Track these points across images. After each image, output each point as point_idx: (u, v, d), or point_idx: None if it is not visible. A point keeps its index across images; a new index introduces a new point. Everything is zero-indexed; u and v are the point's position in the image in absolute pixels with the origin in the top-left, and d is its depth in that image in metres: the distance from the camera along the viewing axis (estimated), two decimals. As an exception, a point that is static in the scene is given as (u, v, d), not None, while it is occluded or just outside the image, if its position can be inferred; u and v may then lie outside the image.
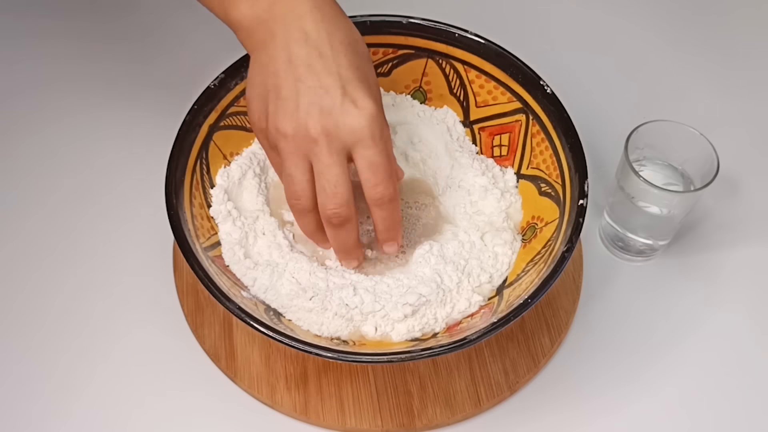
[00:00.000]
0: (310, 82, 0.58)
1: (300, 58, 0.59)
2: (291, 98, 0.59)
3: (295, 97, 0.58)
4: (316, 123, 0.58)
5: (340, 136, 0.58)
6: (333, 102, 0.58)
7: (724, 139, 0.76)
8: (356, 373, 0.70)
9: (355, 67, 0.59)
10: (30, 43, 0.90)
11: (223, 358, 0.71)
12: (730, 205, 0.82)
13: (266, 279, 0.66)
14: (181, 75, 0.86)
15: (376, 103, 0.59)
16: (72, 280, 0.75)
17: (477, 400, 0.69)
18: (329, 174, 0.59)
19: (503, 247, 0.69)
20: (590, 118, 0.82)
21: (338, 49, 0.59)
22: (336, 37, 0.59)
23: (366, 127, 0.58)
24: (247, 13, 0.60)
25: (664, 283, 0.77)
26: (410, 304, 0.64)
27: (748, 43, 0.94)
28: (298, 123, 0.58)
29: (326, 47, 0.59)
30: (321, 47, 0.59)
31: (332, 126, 0.58)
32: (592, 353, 0.73)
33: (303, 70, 0.58)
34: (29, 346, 0.71)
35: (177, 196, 0.66)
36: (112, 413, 0.69)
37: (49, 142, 0.83)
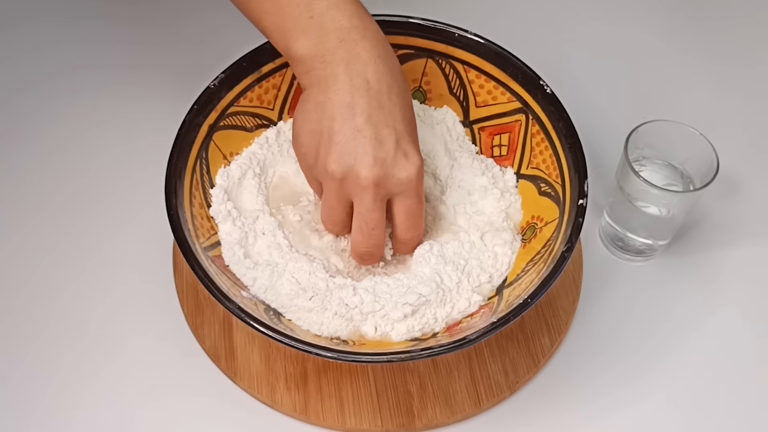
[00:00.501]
0: (367, 132, 0.60)
1: (360, 107, 0.60)
2: (346, 144, 0.61)
3: (351, 144, 0.60)
4: (368, 172, 0.60)
5: (387, 186, 0.62)
6: (387, 155, 0.61)
7: (724, 139, 0.76)
8: (356, 373, 0.70)
9: (407, 121, 0.62)
10: (30, 43, 0.90)
11: (223, 358, 0.71)
12: (730, 205, 0.82)
13: (266, 279, 0.66)
14: (181, 75, 0.86)
15: (421, 158, 0.62)
16: (72, 280, 0.75)
17: (477, 400, 0.69)
18: (369, 218, 0.63)
19: (503, 247, 0.69)
20: (590, 118, 0.82)
21: (395, 102, 0.61)
22: (394, 90, 0.62)
23: (413, 181, 0.62)
24: (311, 50, 0.61)
25: (664, 283, 0.77)
26: (410, 303, 0.64)
27: (748, 44, 0.94)
28: (350, 169, 0.61)
29: (385, 99, 0.61)
30: (381, 99, 0.61)
31: (383, 177, 0.61)
32: (591, 353, 0.73)
33: (362, 119, 0.60)
34: (29, 346, 0.71)
35: (177, 196, 0.66)
36: (112, 413, 0.69)
37: (48, 142, 0.83)
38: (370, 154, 0.60)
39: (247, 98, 0.72)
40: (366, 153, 0.60)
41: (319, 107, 0.62)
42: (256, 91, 0.72)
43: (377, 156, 0.60)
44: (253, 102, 0.73)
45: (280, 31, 0.62)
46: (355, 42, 0.61)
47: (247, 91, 0.72)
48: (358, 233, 0.64)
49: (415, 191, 0.63)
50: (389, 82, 0.61)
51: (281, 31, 0.62)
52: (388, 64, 0.62)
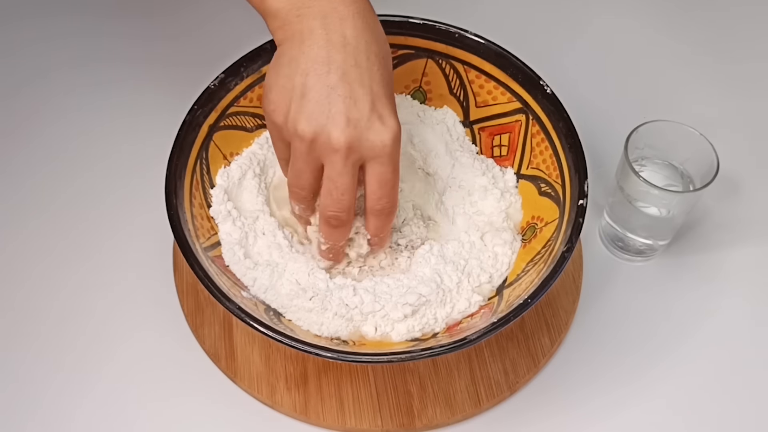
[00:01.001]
0: (341, 90, 0.57)
1: (336, 63, 0.57)
2: (318, 102, 0.57)
3: (324, 102, 0.57)
4: (341, 134, 0.57)
5: (360, 150, 0.58)
6: (361, 115, 0.57)
7: (724, 139, 0.76)
8: (356, 373, 0.70)
9: (385, 83, 0.59)
10: (29, 44, 0.90)
11: (223, 358, 0.71)
12: (730, 205, 0.82)
13: (266, 279, 0.66)
14: (181, 75, 0.86)
15: (398, 122, 0.59)
16: (72, 280, 0.75)
17: (477, 400, 0.69)
18: (339, 181, 0.59)
19: (503, 247, 0.69)
20: (590, 118, 0.82)
21: (373, 61, 0.58)
22: (372, 48, 0.58)
23: (387, 146, 0.58)
24: (286, 3, 0.58)
25: (664, 283, 0.77)
26: (410, 304, 0.64)
27: (748, 43, 0.94)
28: (321, 128, 0.57)
29: (363, 57, 0.58)
30: (358, 56, 0.58)
31: (355, 139, 0.57)
32: (591, 353, 0.73)
33: (336, 76, 0.57)
34: (29, 346, 0.71)
35: (177, 196, 0.66)
36: (112, 413, 0.69)
37: (48, 142, 0.83)
38: (343, 114, 0.57)
39: (247, 98, 0.72)
40: (339, 112, 0.57)
41: (293, 62, 0.58)
42: (256, 91, 0.72)
43: (351, 116, 0.57)
44: (253, 102, 0.73)
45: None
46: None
47: (247, 91, 0.72)
48: (327, 197, 0.60)
49: (390, 158, 0.59)
50: (368, 39, 0.58)
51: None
52: (367, 21, 0.59)
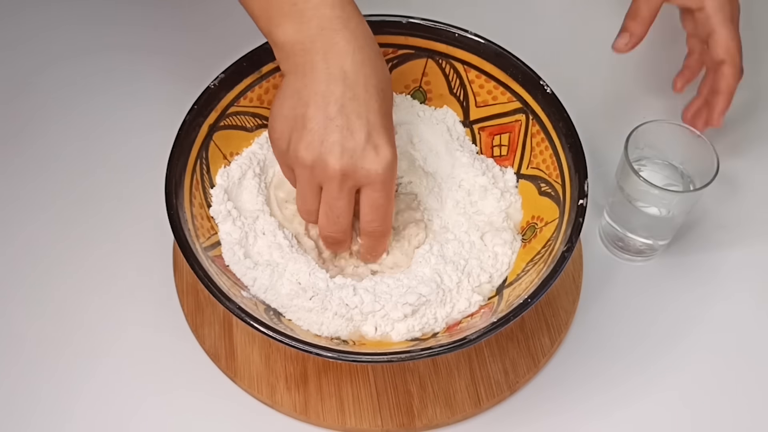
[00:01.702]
0: (338, 121, 0.60)
1: (334, 96, 0.60)
2: (317, 132, 0.60)
3: (322, 132, 0.60)
4: (336, 162, 0.60)
5: (355, 177, 0.61)
6: (356, 145, 0.60)
7: (723, 139, 0.76)
8: (356, 373, 0.70)
9: (382, 114, 0.62)
10: (28, 45, 0.90)
11: (223, 358, 0.71)
12: (731, 205, 0.82)
13: (266, 279, 0.66)
14: (181, 75, 0.86)
15: (393, 151, 0.62)
16: (72, 279, 0.75)
17: (477, 400, 0.69)
18: (335, 206, 0.63)
19: (503, 247, 0.69)
20: (590, 118, 0.82)
21: (371, 93, 0.61)
22: (371, 82, 0.61)
23: (380, 174, 0.61)
24: (291, 36, 0.61)
25: (664, 283, 0.77)
26: (410, 303, 0.64)
27: (747, 43, 0.94)
28: (318, 157, 0.61)
29: (361, 90, 0.61)
30: (356, 89, 0.61)
31: (350, 167, 0.61)
32: (591, 353, 0.73)
33: (334, 108, 0.60)
34: (29, 346, 0.71)
35: (177, 196, 0.66)
36: (112, 413, 0.69)
37: (47, 142, 0.83)
38: (339, 144, 0.60)
39: (247, 98, 0.72)
40: (335, 142, 0.60)
41: (295, 94, 0.62)
42: (256, 91, 0.72)
43: (346, 146, 0.60)
44: (253, 102, 0.73)
45: (264, 16, 0.62)
46: (336, 31, 0.61)
47: (247, 91, 0.72)
48: (324, 218, 0.64)
49: (382, 185, 0.62)
50: (367, 74, 0.61)
51: (265, 16, 0.62)
52: (367, 54, 0.61)
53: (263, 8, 0.62)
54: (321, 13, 0.61)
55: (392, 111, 0.64)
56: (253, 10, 0.63)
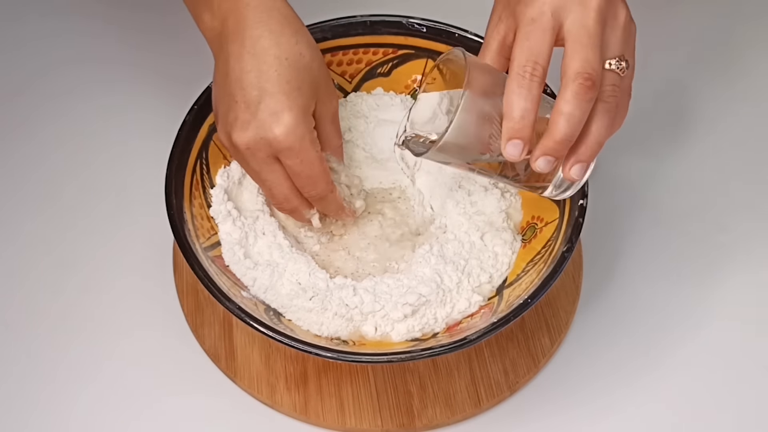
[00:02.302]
0: (237, 97, 0.60)
1: (234, 74, 0.61)
2: (225, 114, 0.62)
3: (226, 112, 0.61)
4: (239, 137, 0.61)
5: (260, 147, 0.61)
6: (251, 116, 0.60)
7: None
8: (356, 373, 0.70)
9: (284, 81, 0.60)
10: (29, 43, 0.90)
11: (223, 358, 0.71)
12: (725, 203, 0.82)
13: (266, 279, 0.66)
14: (181, 75, 0.86)
15: (295, 115, 0.60)
16: (72, 280, 0.75)
17: (477, 400, 0.69)
18: (260, 178, 0.63)
19: (503, 247, 0.69)
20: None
21: (270, 63, 0.60)
22: (271, 52, 0.61)
23: (282, 140, 0.60)
24: (208, 25, 0.63)
25: (665, 284, 0.77)
26: (410, 304, 0.64)
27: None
28: (227, 136, 0.62)
29: (258, 62, 0.60)
30: (252, 62, 0.60)
31: (251, 138, 0.60)
32: (591, 353, 0.73)
33: (233, 85, 0.61)
34: (29, 347, 0.71)
35: (177, 196, 0.66)
36: (111, 413, 0.69)
37: (48, 142, 0.83)
38: (238, 119, 0.60)
39: (247, 98, 0.72)
40: (235, 118, 0.60)
41: (215, 83, 0.64)
42: (256, 91, 0.72)
43: (243, 119, 0.60)
44: (253, 102, 0.72)
45: (191, 10, 0.64)
46: (239, 11, 0.61)
47: (247, 91, 0.72)
48: (267, 195, 0.65)
49: (290, 151, 0.60)
50: (265, 45, 0.60)
51: (192, 9, 0.64)
52: (268, 26, 0.61)
53: (189, 3, 0.64)
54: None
55: (311, 76, 0.62)
56: (186, 4, 0.65)
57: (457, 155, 0.60)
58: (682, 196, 0.81)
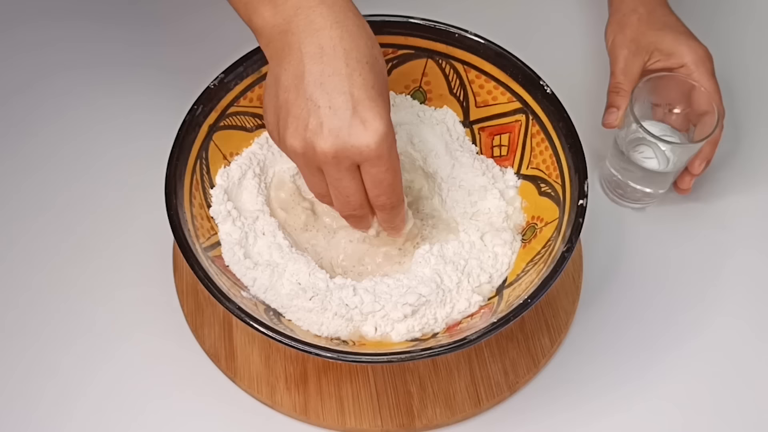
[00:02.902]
0: (320, 101, 0.57)
1: (313, 76, 0.58)
2: (301, 117, 0.58)
3: (305, 117, 0.58)
4: (324, 144, 0.57)
5: (348, 156, 0.58)
6: (341, 123, 0.57)
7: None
8: (356, 373, 0.70)
9: (369, 86, 0.58)
10: (31, 46, 0.90)
11: (223, 358, 0.71)
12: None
13: (266, 279, 0.66)
14: (181, 75, 0.86)
15: (386, 123, 0.58)
16: (72, 280, 0.75)
17: (477, 400, 0.69)
18: (340, 186, 0.60)
19: (503, 247, 0.69)
20: (590, 118, 0.82)
21: (353, 67, 0.58)
22: (352, 55, 0.58)
23: (373, 149, 0.58)
24: (269, 21, 0.60)
25: (665, 284, 0.77)
26: (410, 304, 0.64)
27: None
28: (305, 142, 0.58)
29: (341, 64, 0.58)
30: (336, 64, 0.58)
31: (339, 147, 0.58)
32: (591, 353, 0.73)
33: (314, 88, 0.58)
34: (29, 347, 0.71)
35: (177, 196, 0.66)
36: (112, 413, 0.69)
37: (48, 142, 0.83)
38: (324, 125, 0.57)
39: (247, 98, 0.72)
40: (319, 124, 0.57)
41: (277, 80, 0.59)
42: (256, 91, 0.72)
43: (331, 126, 0.57)
44: (253, 102, 0.73)
45: (243, 5, 0.61)
46: (311, 9, 0.59)
47: (247, 91, 0.72)
48: (336, 201, 0.62)
49: (379, 159, 0.58)
50: (347, 48, 0.58)
51: (245, 5, 0.61)
52: (347, 28, 0.58)
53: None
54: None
55: (385, 82, 0.61)
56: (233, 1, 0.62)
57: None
58: (681, 196, 0.81)
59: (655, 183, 0.78)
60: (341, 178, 0.59)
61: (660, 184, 0.79)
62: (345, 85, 0.58)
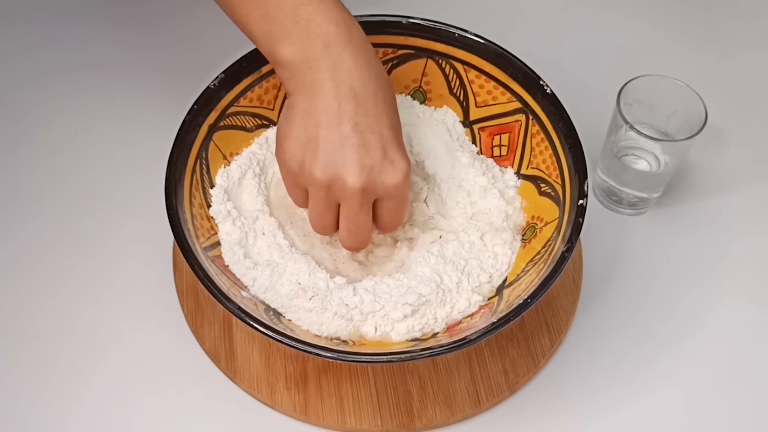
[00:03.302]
0: (354, 139, 0.60)
1: (347, 114, 0.60)
2: (333, 152, 0.60)
3: (339, 152, 0.60)
4: (356, 180, 0.60)
5: (375, 192, 0.62)
6: (374, 162, 0.61)
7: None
8: (356, 373, 0.70)
9: (393, 126, 0.62)
10: (28, 44, 0.90)
11: (223, 358, 0.71)
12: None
13: (266, 279, 0.66)
14: (181, 75, 0.86)
15: (408, 162, 0.62)
16: (72, 279, 0.75)
17: (477, 400, 0.69)
18: (357, 220, 0.63)
19: (503, 247, 0.69)
20: (590, 118, 0.82)
21: (381, 108, 0.61)
22: (380, 96, 0.62)
23: (400, 186, 0.62)
24: (296, 55, 0.61)
25: (665, 285, 0.77)
26: (410, 304, 0.64)
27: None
28: (337, 176, 0.61)
29: (371, 105, 0.61)
30: (367, 105, 0.61)
31: (370, 184, 0.61)
32: (591, 353, 0.73)
33: (348, 127, 0.60)
34: (28, 347, 0.71)
35: (177, 196, 0.66)
36: (111, 413, 0.69)
37: (48, 143, 0.83)
38: (356, 162, 0.60)
39: (247, 98, 0.72)
40: (353, 161, 0.60)
41: (305, 114, 0.61)
42: (256, 91, 0.72)
43: (364, 164, 0.60)
44: (253, 102, 0.73)
45: (266, 36, 0.62)
46: (341, 48, 0.60)
47: (247, 91, 0.72)
48: (345, 233, 0.64)
49: (401, 195, 0.63)
50: (375, 89, 0.61)
51: (267, 36, 0.62)
52: (373, 70, 0.62)
53: (264, 29, 0.61)
54: (325, 30, 0.60)
55: (400, 121, 0.64)
56: (252, 30, 0.62)
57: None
58: (681, 196, 0.81)
59: (649, 187, 0.78)
60: (361, 213, 0.63)
61: (654, 188, 0.78)
62: (375, 125, 0.61)
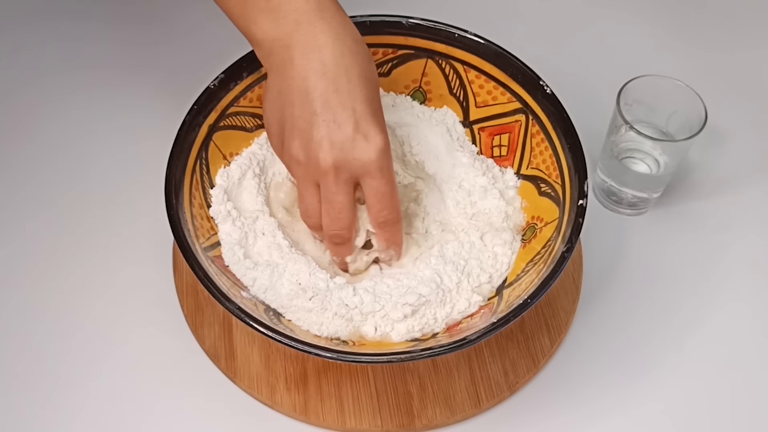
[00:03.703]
0: (324, 116, 0.60)
1: (317, 91, 0.60)
2: (305, 129, 0.61)
3: (309, 129, 0.60)
4: (327, 155, 0.60)
5: (349, 169, 0.61)
6: (345, 137, 0.60)
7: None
8: (356, 374, 0.70)
9: (368, 101, 0.61)
10: (30, 46, 0.90)
11: (223, 358, 0.71)
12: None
13: (266, 279, 0.66)
14: (181, 75, 0.86)
15: (385, 137, 0.61)
16: (72, 280, 0.75)
17: (477, 401, 0.69)
18: (334, 201, 0.62)
19: (503, 247, 0.69)
20: (590, 118, 0.82)
21: (354, 83, 0.61)
22: (354, 71, 0.61)
23: (375, 161, 0.61)
24: (269, 33, 0.61)
25: (665, 285, 0.77)
26: (410, 304, 0.64)
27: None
28: (309, 153, 0.61)
29: (344, 81, 0.60)
30: (338, 81, 0.60)
31: (342, 160, 0.60)
32: (591, 353, 0.73)
33: (319, 104, 0.60)
34: (28, 347, 0.71)
35: (177, 197, 0.66)
36: (111, 413, 0.69)
37: (48, 142, 0.83)
38: (327, 138, 0.60)
39: (247, 98, 0.72)
40: (323, 137, 0.60)
41: (281, 94, 0.62)
42: (256, 91, 0.72)
43: (334, 139, 0.60)
44: (253, 102, 0.73)
45: (241, 16, 0.62)
46: (312, 24, 0.60)
47: (247, 91, 0.72)
48: (326, 217, 0.64)
49: (380, 171, 0.61)
50: (347, 64, 0.61)
51: (242, 16, 0.62)
52: (346, 44, 0.61)
53: (239, 7, 0.62)
54: (296, 7, 0.60)
55: (379, 96, 0.63)
56: (229, 8, 0.63)
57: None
58: (681, 196, 0.81)
59: (648, 187, 0.78)
60: (338, 192, 0.62)
61: (654, 188, 0.78)
62: (347, 100, 0.60)
